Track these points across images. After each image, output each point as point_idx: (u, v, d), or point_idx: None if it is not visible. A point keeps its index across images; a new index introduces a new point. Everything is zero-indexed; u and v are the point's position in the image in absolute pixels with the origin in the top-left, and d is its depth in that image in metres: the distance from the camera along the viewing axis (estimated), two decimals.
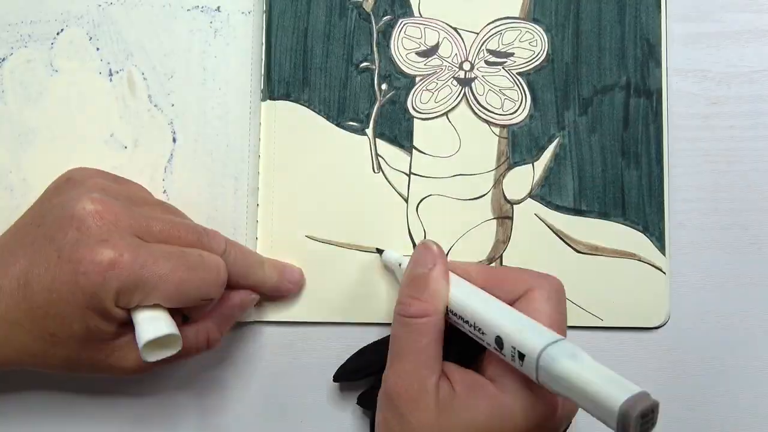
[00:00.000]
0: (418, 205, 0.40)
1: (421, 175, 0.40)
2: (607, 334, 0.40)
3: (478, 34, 0.41)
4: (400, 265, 0.37)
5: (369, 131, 0.41)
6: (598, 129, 0.40)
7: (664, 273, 0.40)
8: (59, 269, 0.31)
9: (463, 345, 0.34)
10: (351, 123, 0.41)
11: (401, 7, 0.41)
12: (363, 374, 0.38)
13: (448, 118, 0.41)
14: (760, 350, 0.40)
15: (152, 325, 0.31)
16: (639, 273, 0.40)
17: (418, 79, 0.41)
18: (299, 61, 0.41)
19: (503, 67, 0.41)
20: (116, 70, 0.41)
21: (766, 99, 0.41)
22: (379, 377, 0.34)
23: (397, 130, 0.41)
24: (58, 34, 0.41)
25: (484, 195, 0.40)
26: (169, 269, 0.32)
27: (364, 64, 0.41)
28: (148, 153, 0.40)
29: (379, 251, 0.39)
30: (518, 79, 0.41)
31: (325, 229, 0.40)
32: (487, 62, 0.41)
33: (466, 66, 0.41)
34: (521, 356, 0.29)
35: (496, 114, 0.41)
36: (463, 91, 0.41)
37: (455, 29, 0.41)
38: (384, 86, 0.41)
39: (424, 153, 0.41)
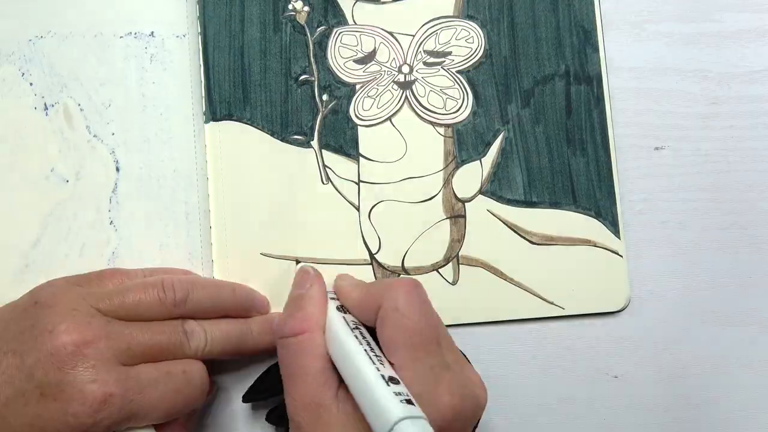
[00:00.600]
0: (370, 212, 0.40)
1: (370, 182, 0.40)
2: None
3: (414, 36, 0.41)
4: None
5: (314, 143, 0.40)
6: (542, 119, 0.41)
7: (621, 256, 0.40)
8: (44, 407, 0.30)
9: None
10: (296, 137, 0.40)
11: (334, 17, 0.41)
12: (270, 394, 0.37)
13: (392, 123, 0.41)
14: (760, 350, 0.40)
15: None
16: (595, 259, 0.40)
17: (358, 86, 0.41)
18: (238, 80, 0.41)
19: (442, 67, 0.41)
20: (51, 103, 0.40)
21: (766, 99, 0.41)
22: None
23: (342, 139, 0.40)
24: None
25: (434, 196, 0.40)
26: (157, 398, 0.32)
27: (303, 76, 0.41)
28: (91, 185, 0.40)
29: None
30: (458, 78, 0.41)
31: (281, 245, 0.40)
32: (425, 63, 0.41)
33: (405, 69, 0.41)
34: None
35: (440, 114, 0.41)
36: (404, 94, 0.41)
37: (391, 33, 0.41)
38: (325, 97, 0.41)
39: (372, 160, 0.40)
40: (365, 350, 0.30)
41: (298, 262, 0.40)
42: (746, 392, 0.40)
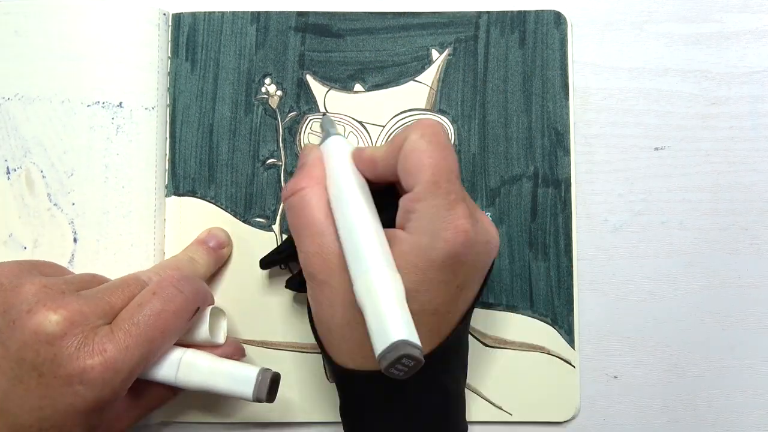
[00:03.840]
0: None
1: None
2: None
3: (384, 127, 0.41)
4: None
5: (275, 227, 0.40)
6: (506, 220, 0.40)
7: (573, 366, 0.40)
8: (46, 386, 0.30)
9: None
10: (258, 219, 0.40)
11: (307, 103, 0.41)
12: (286, 255, 0.38)
13: None
14: (760, 350, 0.40)
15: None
16: (548, 367, 0.40)
17: None
18: (205, 158, 0.40)
19: None
20: (14, 167, 0.40)
21: (766, 99, 0.41)
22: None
23: None
24: None
25: None
26: (144, 328, 0.32)
27: (271, 160, 0.40)
28: (48, 254, 0.39)
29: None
30: None
31: (231, 327, 0.39)
32: None
33: None
34: None
35: None
36: None
37: (361, 123, 0.41)
38: None
39: None
40: (360, 194, 0.32)
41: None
42: (746, 392, 0.40)
